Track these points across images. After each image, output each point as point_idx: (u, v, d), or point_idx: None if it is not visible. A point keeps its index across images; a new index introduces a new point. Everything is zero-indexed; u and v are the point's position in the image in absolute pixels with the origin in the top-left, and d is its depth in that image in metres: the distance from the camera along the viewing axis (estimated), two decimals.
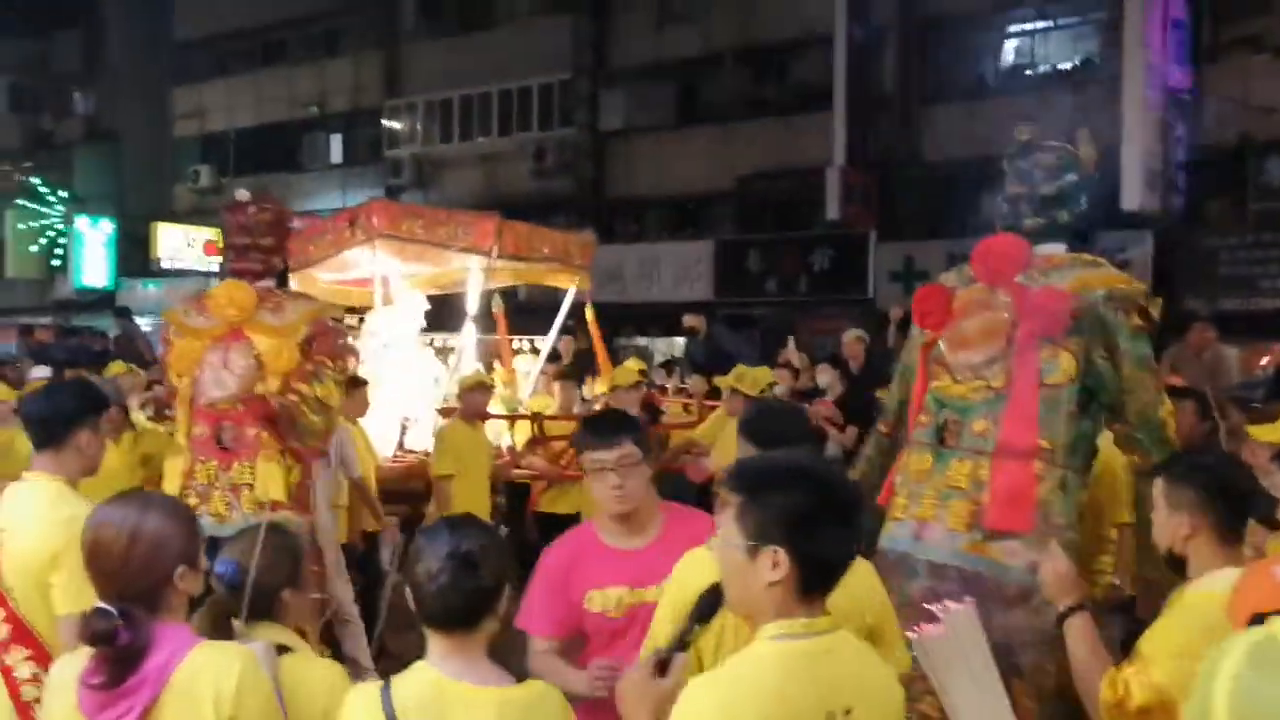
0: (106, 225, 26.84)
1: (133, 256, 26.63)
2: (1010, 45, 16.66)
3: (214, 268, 22.64)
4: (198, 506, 4.20)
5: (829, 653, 1.89)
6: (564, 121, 20.67)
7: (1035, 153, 3.71)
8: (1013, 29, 16.51)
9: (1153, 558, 2.77)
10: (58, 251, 27.23)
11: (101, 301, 25.28)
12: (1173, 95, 13.17)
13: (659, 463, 7.85)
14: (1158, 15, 12.84)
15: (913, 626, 2.73)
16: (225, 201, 5.12)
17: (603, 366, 9.34)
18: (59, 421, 3.14)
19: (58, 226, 27.13)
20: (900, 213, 16.45)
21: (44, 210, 27.25)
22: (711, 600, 2.00)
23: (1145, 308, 3.48)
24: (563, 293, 9.33)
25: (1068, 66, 15.75)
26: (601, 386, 7.78)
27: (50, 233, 27.27)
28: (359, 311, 8.93)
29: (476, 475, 6.79)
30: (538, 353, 10.04)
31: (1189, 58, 13.51)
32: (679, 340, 16.15)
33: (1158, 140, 12.98)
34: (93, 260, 26.72)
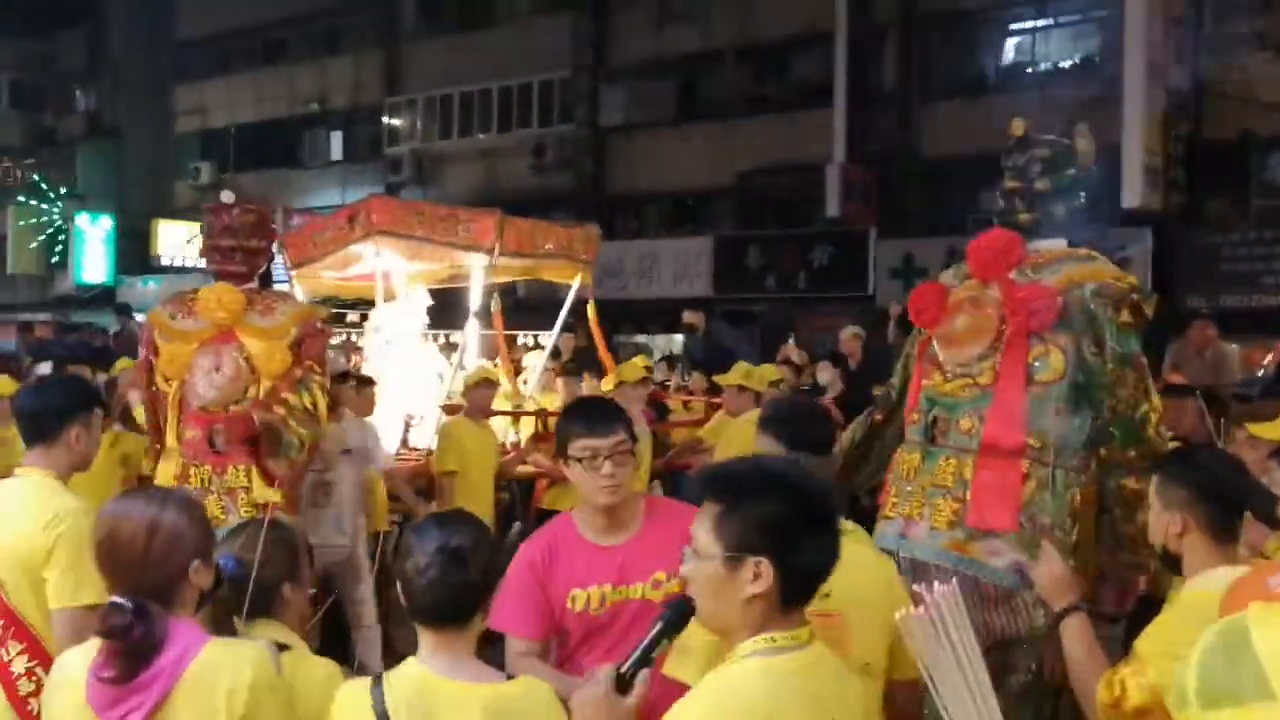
0: (106, 222, 26.88)
1: (133, 253, 26.68)
2: (1011, 42, 16.64)
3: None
4: None
5: (812, 666, 1.84)
6: (564, 118, 20.66)
7: (1031, 147, 3.70)
8: (1014, 26, 16.49)
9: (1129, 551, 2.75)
10: (58, 248, 27.24)
11: (101, 298, 25.32)
12: (1174, 92, 13.14)
13: (664, 461, 7.88)
14: (1159, 12, 12.81)
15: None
16: (208, 202, 5.09)
17: (606, 362, 9.31)
18: (50, 417, 3.13)
19: (58, 223, 27.15)
20: (900, 209, 16.43)
21: (45, 207, 27.27)
22: (679, 613, 1.90)
23: (1137, 303, 3.46)
24: (562, 290, 9.29)
25: (1068, 63, 15.73)
26: (608, 384, 7.75)
27: (51, 229, 27.29)
28: (362, 307, 8.90)
29: (481, 472, 6.76)
30: (542, 348, 10.01)
31: (1190, 54, 13.48)
32: (678, 337, 16.14)
33: (1159, 137, 12.95)
34: (93, 257, 26.78)
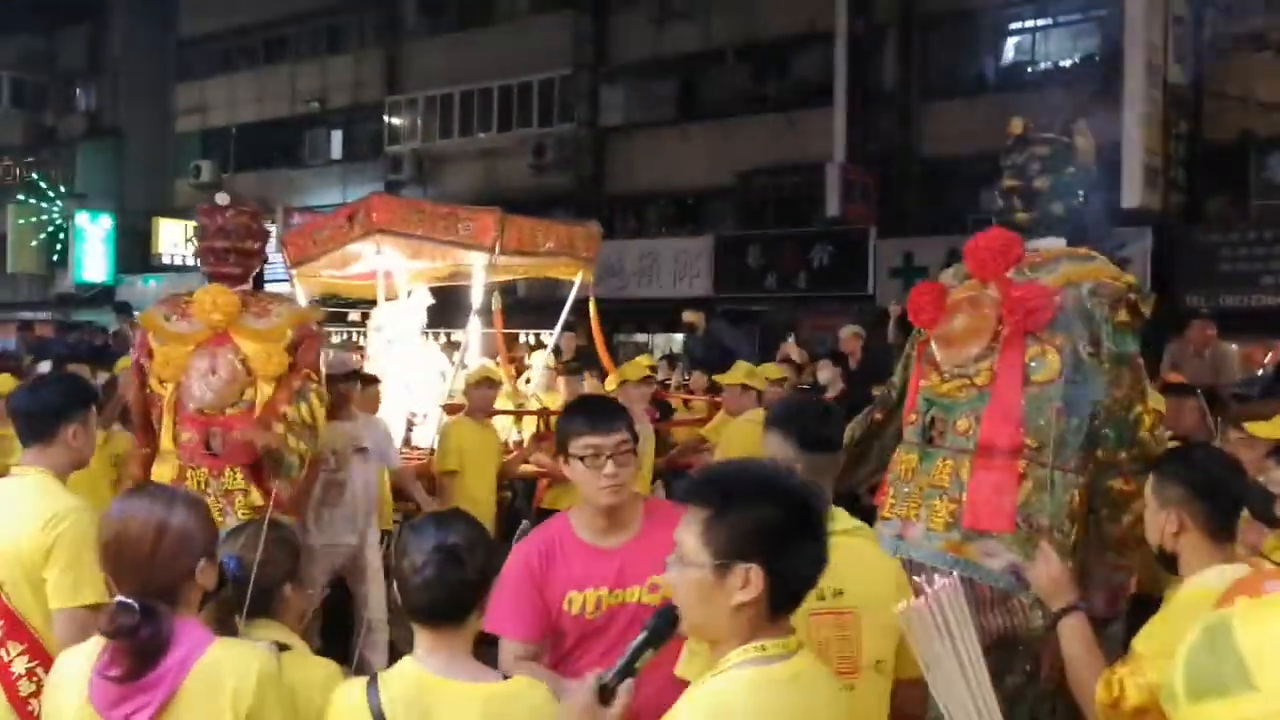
0: (106, 221, 26.91)
1: (133, 252, 26.72)
2: (1011, 42, 16.64)
3: None
4: None
5: (804, 675, 1.81)
6: (564, 117, 20.65)
7: (1030, 145, 3.67)
8: (1014, 26, 16.49)
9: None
10: (58, 247, 27.25)
11: (102, 297, 25.34)
12: (1174, 92, 13.13)
13: (666, 460, 7.88)
14: (1159, 12, 12.80)
15: None
16: (201, 204, 5.08)
17: (604, 362, 9.30)
18: (47, 416, 3.13)
19: (58, 222, 27.15)
20: (900, 209, 16.43)
21: (45, 205, 27.27)
22: (664, 622, 1.86)
23: (1135, 302, 3.44)
24: (562, 288, 9.27)
25: (1068, 63, 15.72)
26: (611, 384, 7.74)
27: (51, 228, 27.29)
28: (363, 306, 8.89)
29: (483, 472, 6.75)
30: (544, 346, 10.01)
31: (1190, 54, 13.47)
32: (678, 336, 16.15)
33: (1159, 137, 12.94)
34: (93, 255, 26.81)
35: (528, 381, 9.45)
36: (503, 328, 9.72)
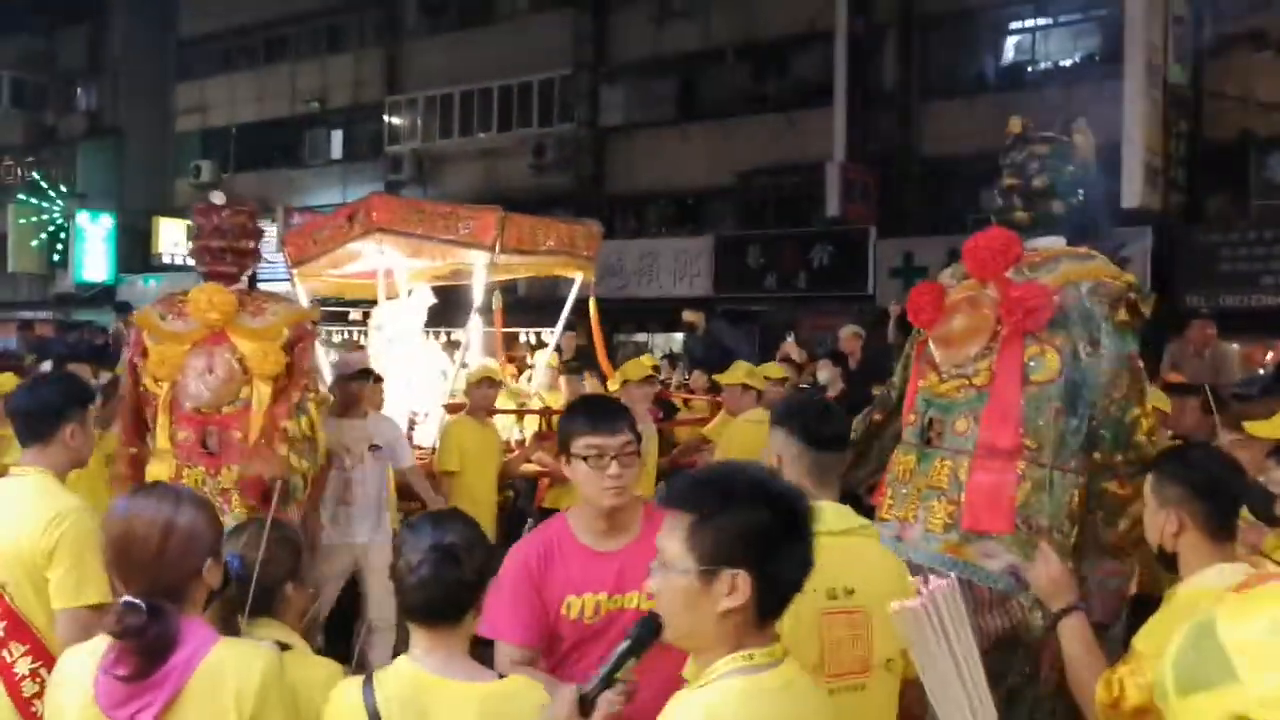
0: (107, 220, 26.92)
1: (134, 251, 26.74)
2: (1011, 42, 16.63)
3: None
4: None
5: (792, 683, 1.78)
6: (564, 117, 20.64)
7: (1029, 144, 3.65)
8: (1014, 26, 16.48)
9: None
10: (59, 246, 27.25)
11: (102, 296, 25.36)
12: (1174, 92, 13.13)
13: (668, 459, 7.88)
14: (1159, 12, 12.79)
15: None
16: (197, 203, 5.08)
17: (602, 362, 9.30)
18: (46, 416, 3.13)
19: (59, 221, 27.16)
20: (900, 208, 16.42)
21: (45, 205, 27.28)
22: (647, 631, 1.84)
23: (1135, 302, 3.42)
24: (563, 287, 9.26)
25: (1068, 63, 15.72)
26: (614, 384, 7.73)
27: (51, 228, 27.30)
28: (363, 306, 8.89)
29: (484, 471, 6.74)
30: (545, 345, 10.01)
31: (1190, 54, 13.47)
32: (678, 336, 16.14)
33: (1159, 137, 12.93)
34: (93, 255, 26.82)
35: (529, 380, 9.45)
36: (503, 326, 9.72)
